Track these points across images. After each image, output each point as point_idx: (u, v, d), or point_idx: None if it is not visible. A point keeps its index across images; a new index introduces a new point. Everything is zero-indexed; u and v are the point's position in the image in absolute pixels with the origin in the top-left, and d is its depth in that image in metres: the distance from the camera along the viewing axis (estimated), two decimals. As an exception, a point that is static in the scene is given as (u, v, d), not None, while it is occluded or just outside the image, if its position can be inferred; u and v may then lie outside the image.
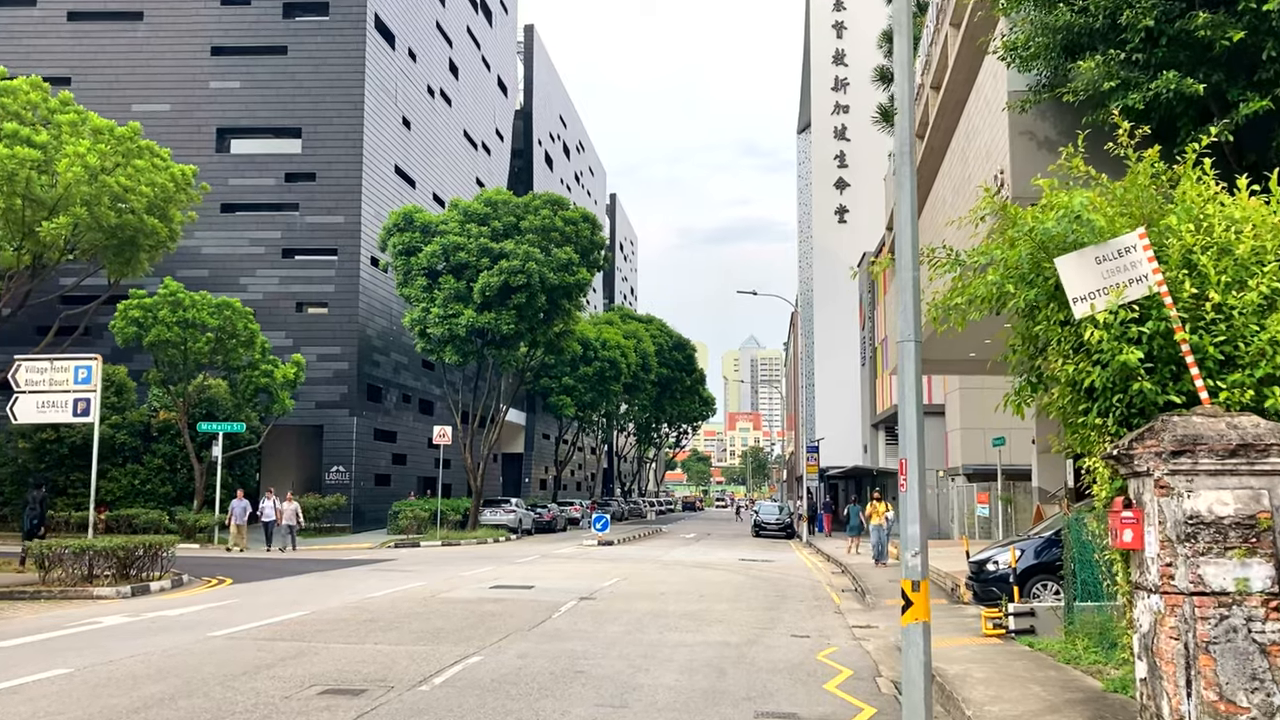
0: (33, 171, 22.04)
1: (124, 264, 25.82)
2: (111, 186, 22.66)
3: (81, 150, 22.17)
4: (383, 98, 49.65)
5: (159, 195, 24.89)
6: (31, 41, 47.10)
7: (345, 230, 46.81)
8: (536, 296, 42.10)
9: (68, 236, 23.22)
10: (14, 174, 21.54)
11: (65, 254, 24.59)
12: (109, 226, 23.44)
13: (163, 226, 25.45)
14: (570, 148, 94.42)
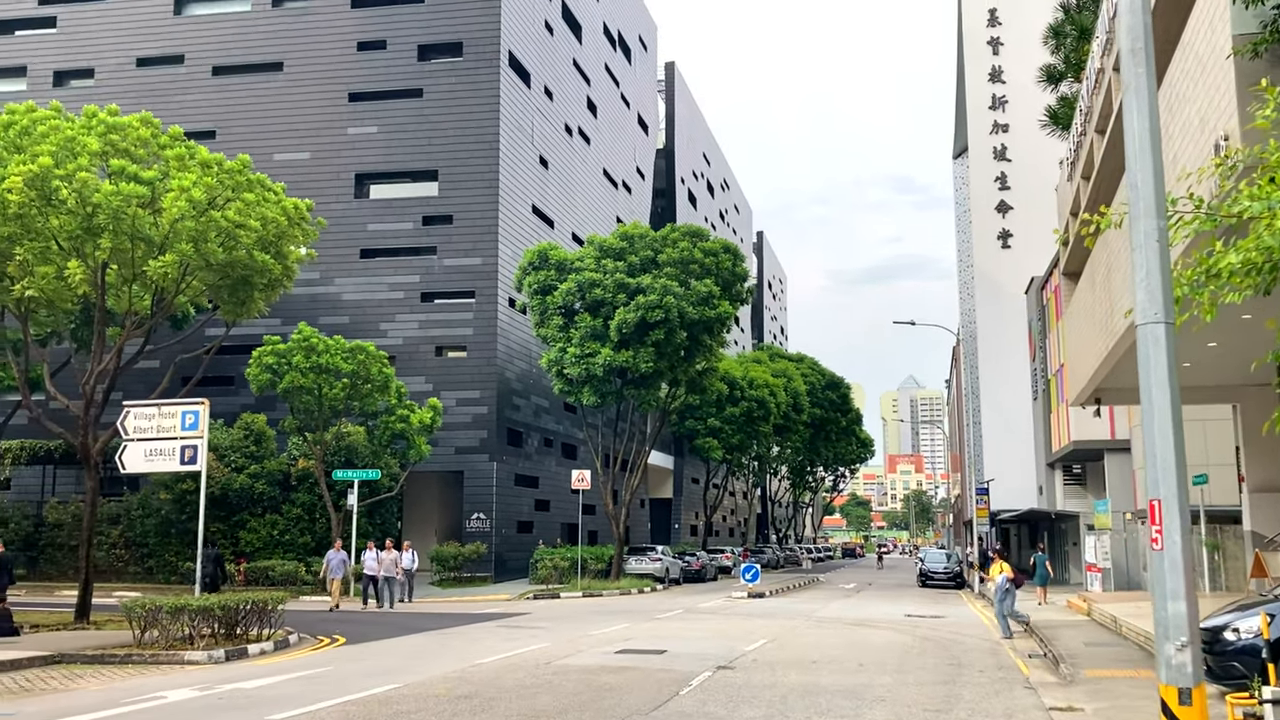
0: (140, 209, 21.03)
1: (239, 304, 24.78)
2: (218, 221, 21.50)
3: (186, 184, 21.11)
4: (519, 137, 48.66)
5: (271, 230, 23.76)
6: (180, 97, 48.01)
7: (483, 272, 45.73)
8: (675, 332, 39.87)
9: (176, 276, 22.13)
10: (120, 211, 20.56)
11: (177, 295, 23.60)
12: (218, 264, 22.33)
13: (275, 264, 24.30)
14: (714, 185, 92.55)
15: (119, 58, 48.91)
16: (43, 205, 21.13)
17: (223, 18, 48.67)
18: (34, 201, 20.95)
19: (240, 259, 22.72)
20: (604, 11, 62.53)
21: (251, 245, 22.73)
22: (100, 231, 21.30)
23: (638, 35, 70.43)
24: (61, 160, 21.28)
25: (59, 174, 21.00)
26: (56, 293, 22.01)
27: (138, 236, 21.44)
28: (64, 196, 21.02)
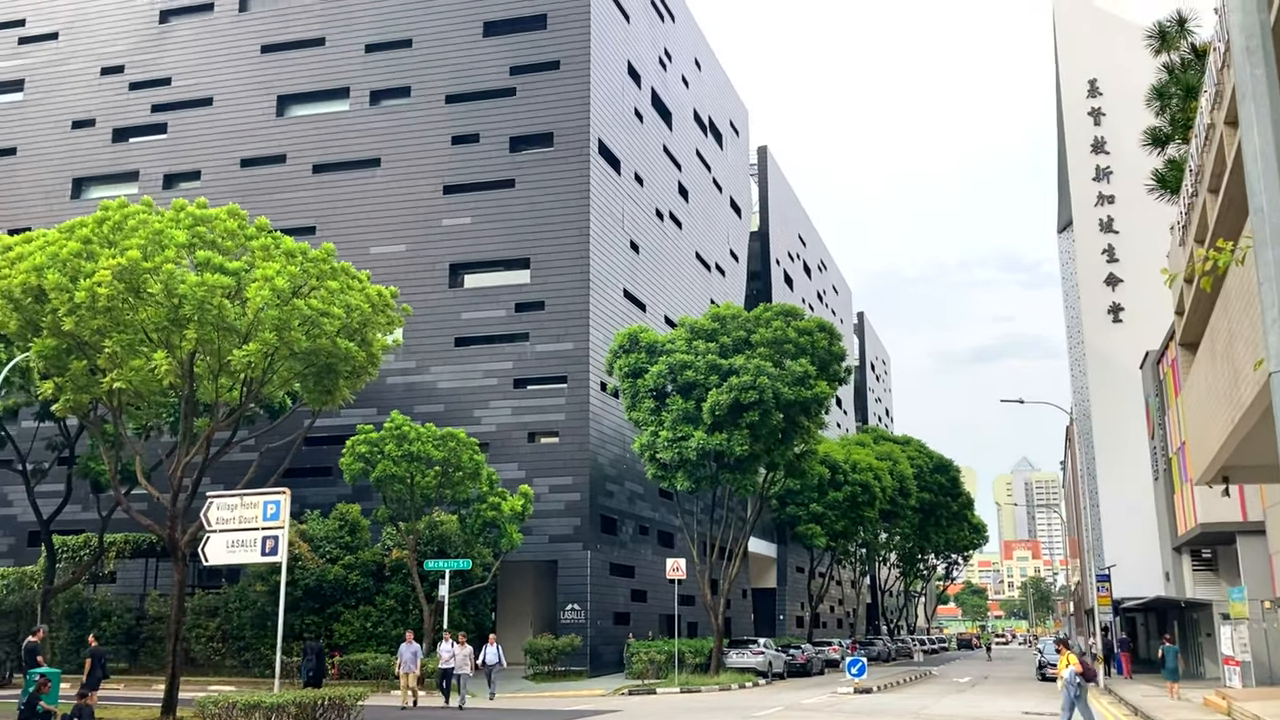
0: (225, 299, 21.12)
1: (324, 393, 24.70)
2: (301, 309, 21.48)
3: (270, 273, 21.17)
4: (609, 223, 48.74)
5: (355, 318, 23.72)
6: (281, 195, 49.40)
7: (574, 357, 45.47)
8: (771, 414, 38.79)
9: (261, 365, 22.11)
10: (205, 302, 20.67)
11: (264, 385, 23.60)
12: (302, 352, 22.27)
13: (359, 351, 24.20)
14: (811, 267, 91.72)
15: (224, 159, 50.69)
16: (131, 298, 21.36)
17: (323, 117, 50.18)
18: (122, 294, 21.21)
19: (324, 347, 22.65)
20: (694, 99, 62.93)
21: (335, 333, 22.66)
22: (186, 322, 21.44)
23: (729, 120, 70.68)
24: (150, 253, 21.56)
25: (146, 266, 21.25)
26: (145, 384, 22.14)
27: (223, 326, 21.50)
28: (152, 289, 21.23)
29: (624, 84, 51.87)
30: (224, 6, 52.57)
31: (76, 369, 22.76)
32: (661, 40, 57.92)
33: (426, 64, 49.43)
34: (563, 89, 47.79)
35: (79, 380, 22.96)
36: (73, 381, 22.93)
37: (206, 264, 21.45)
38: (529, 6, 48.90)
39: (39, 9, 54.73)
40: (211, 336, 21.63)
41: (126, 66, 53.01)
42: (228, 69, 51.71)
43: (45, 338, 22.43)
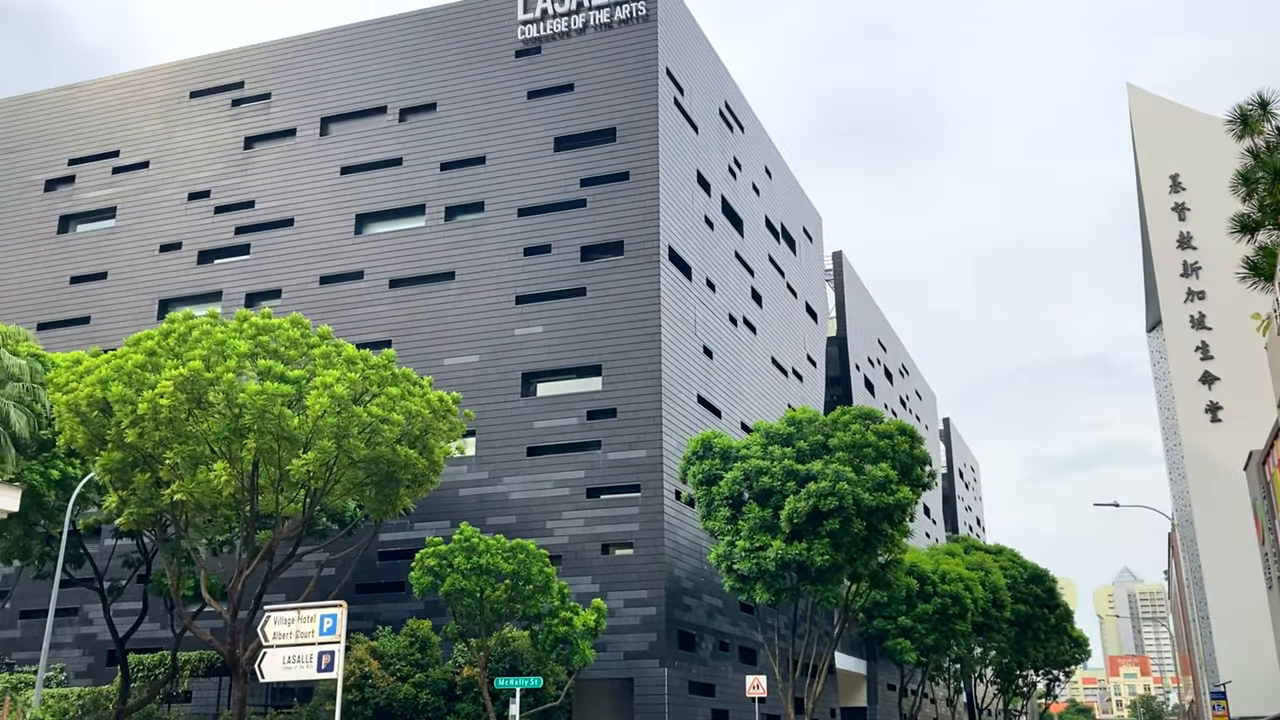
0: (285, 408, 20.90)
1: (385, 501, 24.27)
2: (360, 416, 21.17)
3: (329, 380, 20.95)
4: (681, 328, 48.36)
5: (416, 425, 23.37)
6: (359, 310, 50.09)
7: (647, 465, 44.63)
8: (852, 521, 37.33)
9: (320, 474, 21.75)
10: (265, 411, 20.47)
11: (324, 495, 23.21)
12: (362, 461, 21.89)
13: (420, 459, 23.77)
14: (892, 372, 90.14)
15: (304, 277, 51.73)
16: (193, 408, 21.28)
17: (400, 234, 51.10)
18: (184, 405, 21.14)
19: (384, 454, 22.30)
20: (765, 205, 62.97)
21: (394, 440, 22.29)
22: (246, 432, 21.30)
23: (801, 226, 70.54)
24: (212, 363, 21.54)
25: (208, 376, 21.21)
26: (206, 496, 21.92)
27: (283, 435, 21.30)
28: (213, 399, 21.14)
29: (693, 192, 52.05)
30: (305, 132, 54.35)
31: (140, 482, 22.69)
32: (731, 149, 58.27)
33: (499, 179, 50.24)
34: (632, 198, 48.07)
35: (143, 493, 22.84)
36: (137, 495, 22.79)
37: (268, 373, 21.33)
38: (598, 121, 49.61)
39: (132, 140, 57.22)
40: (272, 446, 21.41)
41: (212, 191, 54.86)
42: (309, 190, 53.18)
43: (110, 451, 22.42)
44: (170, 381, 20.74)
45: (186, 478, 21.70)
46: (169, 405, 20.76)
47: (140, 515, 23.19)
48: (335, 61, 54.98)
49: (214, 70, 57.25)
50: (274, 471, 22.23)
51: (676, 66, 51.74)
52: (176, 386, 20.79)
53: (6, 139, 59.77)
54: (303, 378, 21.65)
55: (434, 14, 54.14)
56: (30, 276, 56.54)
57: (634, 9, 50.26)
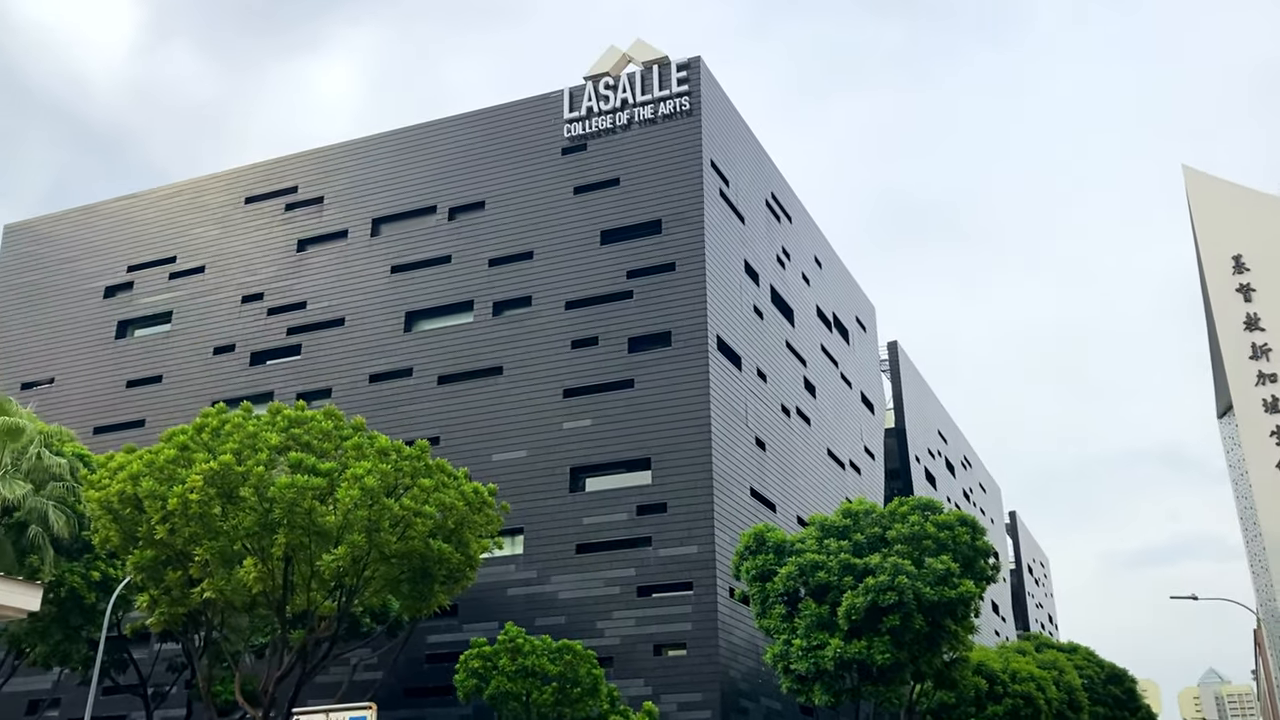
0: (316, 502, 20.32)
1: (418, 598, 23.41)
2: (392, 509, 20.50)
3: (360, 472, 20.37)
4: (732, 420, 47.44)
5: (451, 518, 22.63)
6: (407, 407, 49.91)
7: (699, 561, 43.34)
8: (913, 617, 35.61)
9: (352, 569, 21.04)
10: (294, 504, 19.90)
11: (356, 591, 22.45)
12: (394, 555, 21.15)
13: (455, 553, 22.96)
14: (954, 464, 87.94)
15: (354, 376, 51.81)
16: (223, 503, 20.78)
17: (448, 330, 51.14)
18: (214, 499, 20.64)
19: (416, 549, 21.55)
20: (816, 295, 62.33)
21: (427, 534, 21.54)
22: (276, 526, 20.66)
23: (854, 316, 69.69)
24: (244, 457, 21.09)
25: (239, 470, 20.74)
26: (236, 594, 21.27)
27: (314, 530, 20.63)
28: (244, 494, 20.63)
29: (741, 282, 51.61)
30: (357, 233, 55.05)
31: (172, 580, 22.12)
32: (779, 239, 57.96)
33: (546, 273, 50.26)
34: (680, 289, 47.72)
35: (175, 592, 22.24)
36: (169, 594, 22.20)
37: (299, 465, 20.81)
38: (644, 213, 49.63)
39: (188, 246, 58.38)
40: (303, 541, 20.77)
41: (266, 293, 55.56)
42: (359, 290, 53.61)
43: (142, 549, 21.92)
44: (200, 476, 20.31)
45: (217, 575, 21.11)
46: (198, 500, 20.31)
47: (172, 615, 22.60)
48: (386, 164, 55.92)
49: (269, 176, 58.51)
50: (305, 568, 21.56)
51: (721, 158, 51.81)
52: (206, 481, 20.36)
53: (69, 248, 61.33)
54: (334, 470, 21.10)
55: (482, 115, 55.01)
56: (89, 381, 57.33)
57: (678, 104, 50.61)
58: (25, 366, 59.18)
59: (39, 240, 62.49)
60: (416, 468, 22.33)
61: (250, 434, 21.31)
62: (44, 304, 60.39)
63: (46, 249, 61.97)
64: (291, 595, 22.74)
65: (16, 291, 61.61)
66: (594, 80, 52.81)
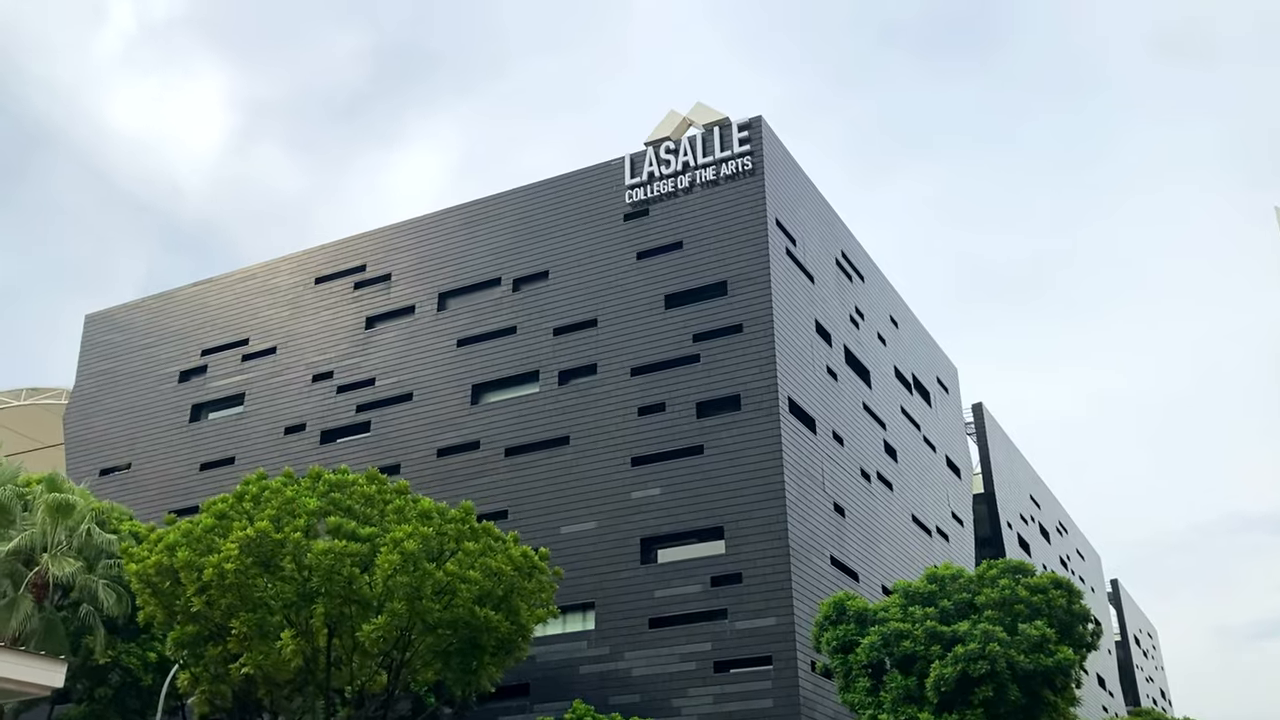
0: (355, 569, 19.26)
1: (467, 672, 22.04)
2: (434, 575, 19.32)
3: (400, 536, 19.28)
4: (808, 485, 45.61)
5: (498, 585, 21.35)
6: (475, 481, 49.04)
7: (778, 634, 41.27)
8: (1007, 688, 33.12)
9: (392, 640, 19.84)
10: (333, 571, 18.86)
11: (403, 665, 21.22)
12: (437, 624, 19.91)
13: (503, 621, 21.62)
14: (1049, 530, 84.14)
15: (422, 451, 51.22)
16: (260, 573, 19.82)
17: (514, 402, 50.39)
18: (250, 569, 19.69)
19: (461, 616, 20.25)
20: (893, 356, 60.42)
21: (472, 600, 20.28)
22: (314, 596, 19.59)
23: (935, 377, 67.45)
24: (282, 523, 20.16)
25: (276, 537, 19.81)
26: (275, 668, 20.18)
27: (352, 599, 19.50)
28: (281, 563, 19.66)
29: (813, 342, 50.11)
30: (424, 308, 54.96)
31: (211, 656, 21.11)
32: (851, 299, 56.43)
33: (611, 341, 49.37)
34: (748, 351, 46.40)
35: (216, 669, 21.23)
36: (209, 670, 21.20)
37: (338, 530, 19.81)
38: (709, 276, 48.63)
39: (260, 328, 58.90)
40: (342, 611, 19.63)
41: (335, 372, 55.58)
42: (426, 365, 53.31)
43: (182, 624, 21.01)
44: (235, 544, 19.43)
45: (255, 649, 20.11)
46: (234, 569, 19.39)
47: (214, 693, 21.58)
48: (451, 238, 55.99)
49: (337, 256, 59.01)
50: (348, 640, 20.44)
51: (786, 217, 50.76)
52: (242, 549, 19.48)
53: (146, 335, 62.36)
54: (375, 535, 20.07)
55: (544, 186, 54.88)
56: (164, 466, 57.71)
57: (739, 164, 49.85)
58: (105, 453, 59.88)
59: (117, 328, 63.71)
60: (461, 531, 21.21)
61: (288, 499, 20.47)
62: (122, 390, 61.29)
63: (124, 336, 63.11)
64: (334, 670, 21.59)
65: (96, 379, 62.71)
66: (655, 145, 52.39)
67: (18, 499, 28.62)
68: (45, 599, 27.36)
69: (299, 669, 21.01)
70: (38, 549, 27.48)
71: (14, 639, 26.29)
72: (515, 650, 22.92)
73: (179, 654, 21.75)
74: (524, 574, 22.91)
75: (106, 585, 26.54)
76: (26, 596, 26.52)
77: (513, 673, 44.20)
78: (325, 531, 20.20)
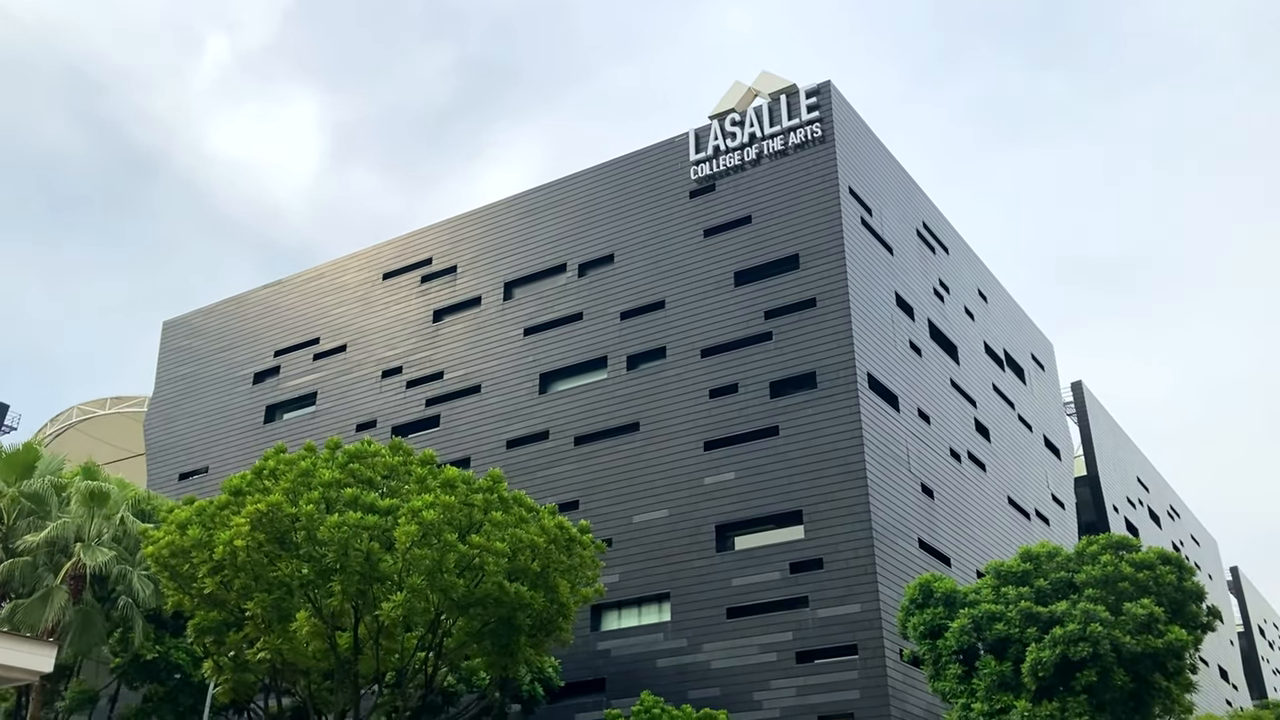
0: (374, 543, 17.73)
1: (503, 654, 20.35)
2: (456, 547, 17.67)
3: (419, 506, 17.68)
4: (892, 465, 43.06)
5: (531, 559, 19.61)
6: (544, 471, 47.63)
7: (863, 621, 38.86)
8: (1112, 672, 30.30)
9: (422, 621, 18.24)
10: (348, 545, 17.34)
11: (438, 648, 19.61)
12: (462, 601, 18.26)
13: (536, 596, 19.86)
14: (1158, 514, 79.53)
15: (491, 443, 50.00)
16: (274, 550, 18.40)
17: (583, 389, 48.84)
18: (264, 546, 18.29)
19: (489, 593, 18.55)
20: (981, 331, 57.30)
21: (499, 575, 18.57)
22: (330, 572, 18.10)
23: (1029, 354, 63.99)
24: (296, 497, 18.74)
25: (289, 511, 18.38)
26: (294, 653, 18.75)
27: (373, 576, 17.95)
28: (295, 539, 18.22)
29: (893, 315, 47.51)
30: (490, 298, 53.80)
31: (233, 641, 19.80)
32: (935, 271, 53.60)
33: (680, 322, 47.49)
34: (823, 326, 44.07)
35: (238, 656, 19.90)
36: (231, 658, 19.88)
37: (354, 502, 18.30)
38: (780, 250, 46.42)
39: (330, 326, 58.44)
40: (361, 589, 18.09)
41: (404, 367, 54.76)
42: (494, 356, 52.12)
43: (204, 610, 19.74)
44: (245, 519, 18.09)
45: (274, 632, 18.75)
46: (245, 547, 18.03)
47: (237, 683, 20.29)
48: (515, 227, 54.77)
49: (404, 250, 58.26)
50: (370, 622, 18.95)
51: (861, 186, 48.27)
52: (253, 524, 18.11)
53: (221, 339, 62.48)
54: (395, 507, 18.54)
55: (607, 168, 53.28)
56: (240, 469, 57.12)
57: (808, 132, 47.54)
58: (182, 458, 60.09)
59: (193, 334, 63.99)
60: (489, 501, 19.56)
61: (304, 472, 19.11)
62: (199, 395, 61.47)
63: (200, 341, 63.35)
64: (361, 655, 20.10)
65: (174, 385, 63.04)
66: (720, 118, 50.38)
67: (55, 491, 28.01)
68: (82, 591, 26.63)
69: (320, 653, 19.61)
70: (72, 540, 26.81)
71: (48, 631, 25.66)
72: (556, 631, 21.20)
73: (202, 641, 20.53)
74: (561, 548, 21.18)
75: (143, 575, 25.63)
76: (61, 588, 25.77)
77: (587, 667, 43.10)
78: (342, 504, 18.78)
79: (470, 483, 20.17)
